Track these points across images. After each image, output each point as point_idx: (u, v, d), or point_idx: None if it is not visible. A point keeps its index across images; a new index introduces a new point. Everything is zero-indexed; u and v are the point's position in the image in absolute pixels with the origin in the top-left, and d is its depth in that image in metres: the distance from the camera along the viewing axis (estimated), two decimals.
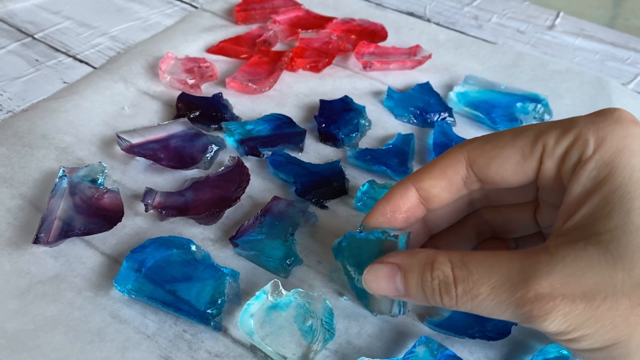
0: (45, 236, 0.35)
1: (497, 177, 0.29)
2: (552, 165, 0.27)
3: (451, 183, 0.30)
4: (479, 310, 0.25)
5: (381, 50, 0.56)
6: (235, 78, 0.51)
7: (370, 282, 0.29)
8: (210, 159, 0.43)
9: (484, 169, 0.29)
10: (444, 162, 0.30)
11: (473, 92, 0.51)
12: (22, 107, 0.48)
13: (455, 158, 0.30)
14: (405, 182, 0.31)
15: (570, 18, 0.67)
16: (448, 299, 0.26)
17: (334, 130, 0.46)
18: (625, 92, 0.55)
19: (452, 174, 0.30)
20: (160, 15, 0.61)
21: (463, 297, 0.25)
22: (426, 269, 0.27)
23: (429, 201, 0.30)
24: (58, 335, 0.32)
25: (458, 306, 0.26)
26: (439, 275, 0.26)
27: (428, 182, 0.30)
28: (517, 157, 0.28)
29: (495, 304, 0.25)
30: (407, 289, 0.27)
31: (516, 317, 0.25)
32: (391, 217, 0.31)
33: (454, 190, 0.30)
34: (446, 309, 0.28)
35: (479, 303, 0.25)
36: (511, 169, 0.28)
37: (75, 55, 0.54)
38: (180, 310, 0.32)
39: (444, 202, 0.31)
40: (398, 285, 0.28)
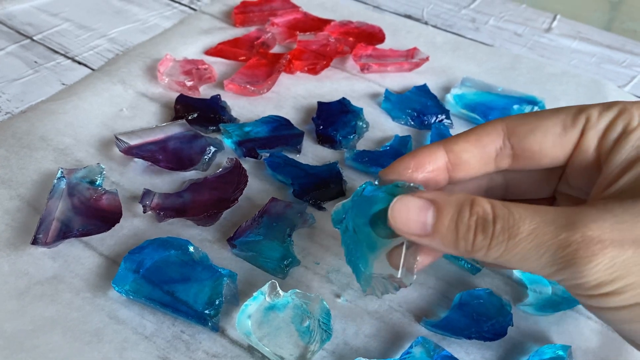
0: (44, 237, 0.36)
1: (535, 147, 0.28)
2: (594, 136, 0.27)
3: (484, 152, 0.29)
4: (511, 255, 0.24)
5: (379, 52, 0.56)
6: (234, 80, 0.51)
7: (398, 212, 0.27)
8: (208, 160, 0.43)
9: (522, 139, 0.28)
10: (481, 129, 0.29)
11: (470, 95, 0.51)
12: (20, 109, 0.48)
13: (493, 127, 0.29)
14: (435, 143, 0.29)
15: (567, 21, 0.68)
16: (482, 237, 0.25)
17: (331, 132, 0.46)
18: (621, 94, 0.55)
19: (487, 142, 0.29)
20: (158, 18, 0.62)
21: (500, 235, 0.24)
22: (465, 205, 0.25)
23: (456, 168, 0.29)
24: (56, 336, 0.32)
25: (490, 247, 0.25)
26: (478, 212, 0.25)
27: (461, 145, 0.29)
28: (558, 129, 0.28)
29: (533, 247, 0.24)
30: (439, 225, 0.26)
31: (554, 262, 0.23)
32: (412, 174, 0.29)
33: (484, 161, 0.29)
34: (472, 256, 0.26)
35: (515, 244, 0.24)
36: (551, 140, 0.28)
37: (73, 57, 0.55)
38: (178, 311, 0.33)
39: (470, 172, 0.30)
40: (428, 219, 0.26)
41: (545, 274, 0.24)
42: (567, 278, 0.24)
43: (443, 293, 0.36)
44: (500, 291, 0.36)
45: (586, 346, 0.33)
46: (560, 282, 0.24)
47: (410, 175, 0.29)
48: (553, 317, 0.35)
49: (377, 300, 0.35)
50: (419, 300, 0.36)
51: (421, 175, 0.29)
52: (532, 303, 0.35)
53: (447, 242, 0.26)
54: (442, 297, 0.36)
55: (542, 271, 0.24)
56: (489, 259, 0.25)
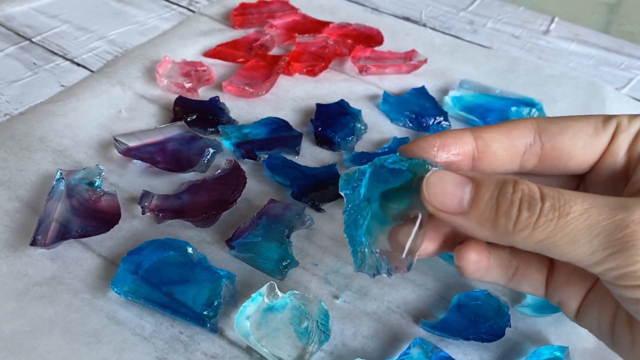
0: (43, 238, 0.36)
1: (565, 147, 0.28)
2: (626, 140, 0.27)
3: (513, 145, 0.28)
4: (560, 236, 0.23)
5: (377, 54, 0.56)
6: (232, 82, 0.51)
7: (432, 185, 0.25)
8: (207, 162, 0.43)
9: (553, 137, 0.28)
10: (513, 123, 0.28)
11: (468, 97, 0.51)
12: (19, 110, 0.48)
13: (524, 123, 0.28)
14: (464, 129, 0.28)
15: (564, 23, 0.68)
16: (528, 214, 0.23)
17: (330, 133, 0.46)
18: (619, 96, 0.55)
19: (518, 135, 0.28)
20: (157, 20, 0.62)
21: (549, 213, 0.23)
22: (507, 182, 0.24)
23: (482, 157, 0.28)
24: (55, 337, 0.32)
25: (537, 226, 0.23)
26: (523, 189, 0.24)
27: (491, 133, 0.28)
28: (589, 130, 0.27)
29: (585, 227, 0.22)
30: (477, 200, 0.24)
31: (608, 245, 0.22)
32: (437, 152, 0.28)
33: (511, 156, 0.28)
34: (512, 238, 0.24)
35: (566, 224, 0.23)
36: (582, 140, 0.28)
37: (72, 58, 0.55)
38: (176, 312, 0.33)
39: (495, 165, 0.28)
40: (465, 195, 0.25)
41: (594, 260, 0.23)
42: (619, 265, 0.22)
43: (441, 294, 0.36)
44: (498, 292, 0.36)
45: (583, 347, 0.34)
46: (607, 271, 0.23)
47: (434, 153, 0.28)
48: (550, 318, 0.35)
49: (376, 301, 0.35)
50: (417, 302, 0.36)
51: (445, 156, 0.28)
52: (529, 304, 0.35)
53: (484, 220, 0.24)
54: (440, 299, 0.36)
55: (591, 257, 0.23)
56: (531, 241, 0.24)
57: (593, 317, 0.28)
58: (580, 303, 0.29)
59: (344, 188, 0.28)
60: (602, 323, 0.28)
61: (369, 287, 0.36)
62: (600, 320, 0.28)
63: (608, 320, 0.27)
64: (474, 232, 0.26)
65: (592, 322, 0.28)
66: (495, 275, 0.30)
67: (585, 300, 0.28)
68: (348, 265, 0.37)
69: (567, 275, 0.29)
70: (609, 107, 0.53)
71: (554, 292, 0.29)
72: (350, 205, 0.28)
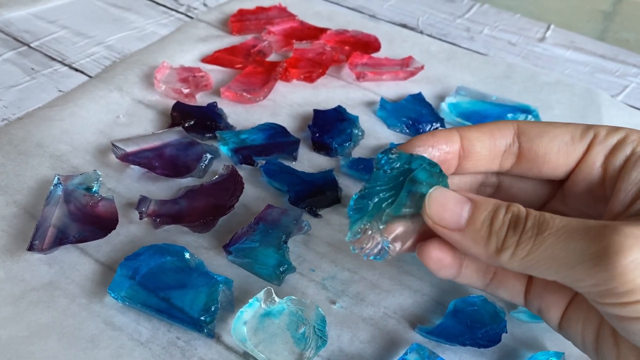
0: (40, 243, 0.36)
1: (541, 150, 0.29)
2: (601, 152, 0.28)
3: (494, 145, 0.30)
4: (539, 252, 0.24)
5: (374, 61, 0.57)
6: (230, 88, 0.51)
7: (434, 201, 0.27)
8: (205, 167, 0.43)
9: (531, 140, 0.29)
10: (494, 124, 0.30)
11: (465, 103, 0.52)
12: (17, 115, 0.48)
13: (505, 124, 0.30)
14: (451, 128, 0.30)
15: (560, 31, 0.68)
16: (512, 233, 0.25)
17: (327, 139, 0.46)
18: (614, 103, 0.56)
19: (499, 136, 0.30)
20: (155, 25, 0.62)
21: (529, 231, 0.24)
22: (502, 205, 0.26)
23: (467, 156, 0.30)
24: (52, 342, 0.32)
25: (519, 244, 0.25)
26: (513, 210, 0.26)
27: (475, 133, 0.30)
28: (566, 137, 0.29)
29: (564, 239, 0.23)
30: (474, 219, 0.26)
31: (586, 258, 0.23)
32: (430, 150, 0.29)
33: (492, 156, 0.30)
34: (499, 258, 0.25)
35: (544, 239, 0.24)
36: (557, 147, 0.29)
37: (70, 64, 0.55)
38: (173, 317, 0.33)
39: (477, 164, 0.30)
40: (463, 214, 0.26)
41: (576, 276, 0.23)
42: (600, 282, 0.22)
43: (437, 300, 0.36)
44: (494, 298, 0.36)
45: (579, 353, 0.33)
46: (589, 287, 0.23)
47: (428, 150, 0.29)
48: (546, 325, 0.35)
49: (372, 306, 0.35)
50: (413, 307, 0.36)
51: (437, 153, 0.29)
52: (525, 310, 0.35)
53: (478, 238, 0.26)
54: (436, 304, 0.36)
55: (572, 272, 0.23)
56: (515, 259, 0.25)
57: (577, 328, 0.28)
58: (562, 314, 0.29)
59: (381, 166, 0.29)
60: (586, 336, 0.28)
61: (366, 293, 0.36)
62: (584, 334, 0.28)
63: (592, 333, 0.27)
64: (468, 249, 0.27)
65: (575, 334, 0.28)
66: (471, 278, 0.30)
67: (568, 312, 0.29)
68: (345, 271, 0.37)
69: (544, 284, 0.29)
70: (605, 114, 0.53)
71: (532, 301, 0.30)
72: (376, 183, 0.28)
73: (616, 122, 0.52)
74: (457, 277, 0.30)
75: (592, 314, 0.27)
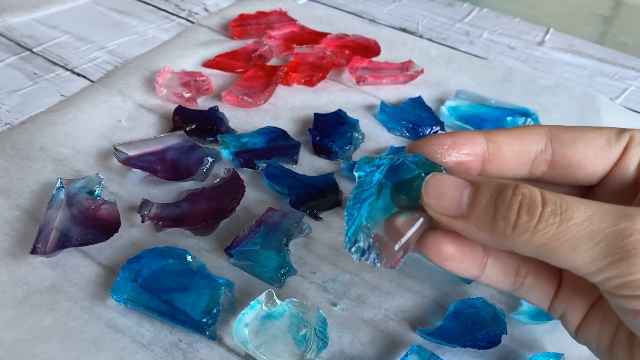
0: (43, 247, 0.36)
1: (576, 156, 0.27)
2: (637, 155, 0.27)
3: (524, 151, 0.28)
4: (561, 241, 0.22)
5: (374, 65, 0.57)
6: (231, 92, 0.51)
7: (431, 187, 0.25)
8: (206, 171, 0.43)
9: (565, 145, 0.27)
10: (525, 128, 0.28)
11: (464, 107, 0.52)
12: (20, 120, 0.48)
13: (535, 129, 0.28)
14: (476, 131, 0.28)
15: (559, 34, 0.69)
16: (527, 218, 0.23)
17: (327, 143, 0.46)
18: (613, 106, 0.56)
19: (529, 141, 0.28)
20: (157, 30, 0.62)
21: (550, 218, 0.22)
22: (507, 186, 0.24)
23: (493, 160, 0.28)
24: (55, 345, 0.32)
25: (536, 230, 0.23)
26: (524, 192, 0.23)
27: (504, 137, 0.27)
28: (601, 142, 0.27)
29: (587, 234, 0.22)
30: (475, 203, 0.24)
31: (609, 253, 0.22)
32: (447, 151, 0.27)
33: (521, 161, 0.28)
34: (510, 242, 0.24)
35: (567, 230, 0.22)
36: (593, 152, 0.27)
37: (73, 69, 0.55)
38: (175, 320, 0.33)
39: (504, 169, 0.28)
40: (464, 198, 0.24)
41: (594, 268, 0.22)
42: (619, 274, 0.22)
43: (438, 302, 0.37)
44: (494, 300, 0.37)
45: (579, 354, 0.34)
46: (606, 280, 0.23)
47: (444, 152, 0.27)
48: (546, 326, 0.35)
49: (373, 308, 0.36)
50: (414, 309, 0.36)
51: (455, 155, 0.27)
52: (525, 312, 0.36)
53: (482, 223, 0.24)
54: (436, 306, 0.36)
55: (592, 264, 0.22)
56: (530, 246, 0.23)
57: (593, 332, 0.28)
58: (583, 317, 0.28)
59: (360, 170, 0.28)
60: (601, 339, 0.27)
61: (367, 295, 0.36)
62: (600, 336, 0.27)
63: (608, 336, 0.27)
64: (474, 237, 0.25)
65: (591, 337, 0.28)
66: (496, 278, 0.28)
67: (588, 315, 0.28)
68: (346, 273, 0.38)
69: (573, 287, 0.28)
70: (603, 117, 0.53)
71: (559, 305, 0.29)
72: (360, 188, 0.27)
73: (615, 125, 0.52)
74: (479, 277, 0.28)
75: (610, 318, 0.27)
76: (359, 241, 0.26)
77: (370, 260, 0.26)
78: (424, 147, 0.27)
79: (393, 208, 0.27)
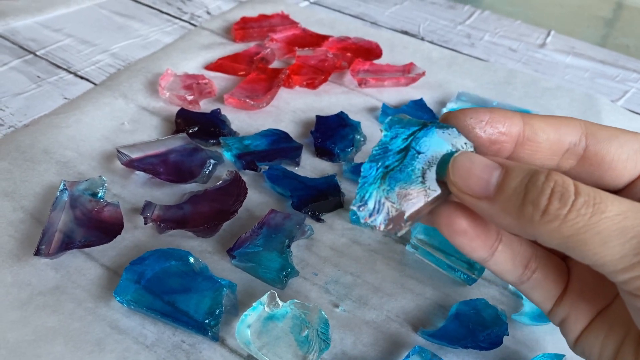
0: (46, 248, 0.36)
1: (608, 156, 0.26)
2: None
3: (559, 140, 0.26)
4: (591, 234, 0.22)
5: (376, 67, 0.57)
6: (234, 94, 0.52)
7: (460, 165, 0.24)
8: (209, 173, 0.43)
9: (600, 142, 0.26)
10: (561, 118, 0.27)
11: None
12: (23, 123, 0.48)
13: (573, 121, 0.27)
14: (514, 111, 0.27)
15: (561, 36, 0.69)
16: (559, 205, 0.22)
17: (329, 145, 0.47)
18: (614, 108, 0.56)
19: (565, 131, 0.26)
20: (159, 33, 0.63)
21: (582, 208, 0.22)
22: (539, 172, 0.23)
23: (526, 144, 0.26)
24: (58, 346, 0.32)
25: (567, 219, 0.22)
26: (556, 180, 0.22)
27: (540, 123, 0.26)
28: (636, 146, 0.26)
29: (619, 229, 0.21)
30: (504, 185, 0.23)
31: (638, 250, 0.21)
32: (483, 126, 0.26)
33: (554, 150, 0.27)
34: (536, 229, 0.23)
35: (599, 222, 0.21)
36: (627, 154, 0.26)
37: (76, 71, 0.55)
38: (178, 321, 0.33)
39: (535, 156, 0.27)
40: (493, 179, 0.24)
41: (622, 266, 0.22)
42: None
43: (439, 303, 0.37)
44: (496, 301, 0.37)
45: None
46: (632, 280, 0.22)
47: (480, 127, 0.26)
48: (547, 327, 0.35)
49: (375, 310, 0.36)
50: (415, 311, 0.36)
51: (490, 131, 0.26)
52: (527, 313, 0.36)
53: (509, 207, 0.23)
54: (438, 307, 0.36)
55: (619, 261, 0.21)
56: (557, 235, 0.22)
57: (596, 342, 0.27)
58: (586, 326, 0.27)
59: (388, 128, 0.26)
60: (605, 350, 0.26)
61: (369, 296, 0.37)
62: (603, 347, 0.27)
63: (613, 348, 0.26)
64: (497, 220, 0.24)
65: (593, 348, 0.27)
66: (504, 266, 0.27)
67: (592, 324, 0.27)
68: (348, 275, 0.38)
69: (580, 292, 0.27)
70: (605, 119, 0.53)
71: (561, 309, 0.28)
72: (383, 147, 0.26)
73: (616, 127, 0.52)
74: (487, 261, 0.27)
75: (617, 329, 0.26)
76: (369, 202, 0.25)
77: (376, 223, 0.25)
78: (459, 120, 0.26)
79: (412, 176, 0.25)
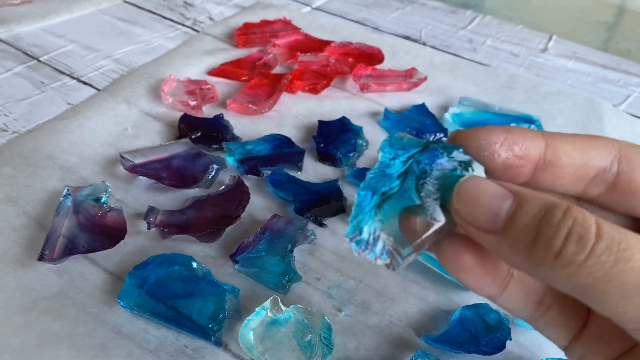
0: (50, 253, 0.36)
1: None
2: None
3: (585, 165, 0.23)
4: (610, 286, 0.18)
5: (378, 72, 0.57)
6: (236, 100, 0.52)
7: (465, 192, 0.21)
8: (212, 178, 0.44)
9: (635, 169, 0.23)
10: (591, 139, 0.23)
11: (468, 113, 0.52)
12: (27, 128, 0.49)
13: (605, 143, 0.23)
14: (536, 130, 0.23)
15: (562, 41, 0.69)
16: (575, 249, 0.18)
17: (332, 150, 0.47)
18: (616, 113, 0.56)
19: (594, 155, 0.23)
20: (162, 39, 0.63)
21: (603, 255, 0.18)
22: (558, 206, 0.19)
23: (547, 169, 0.23)
24: (62, 351, 0.32)
25: (584, 266, 0.18)
26: (576, 217, 0.19)
27: (565, 145, 0.23)
28: None
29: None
30: (514, 220, 0.20)
31: None
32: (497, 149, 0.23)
33: (578, 176, 0.23)
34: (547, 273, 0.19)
35: (622, 273, 0.18)
36: None
37: (79, 77, 0.56)
38: (181, 326, 0.33)
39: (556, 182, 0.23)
40: (503, 210, 0.20)
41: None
42: None
43: (442, 308, 0.37)
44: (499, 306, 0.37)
45: None
46: None
47: (493, 150, 0.22)
48: None
49: (378, 314, 0.36)
50: (418, 315, 0.36)
51: (505, 155, 0.23)
52: None
53: (518, 245, 0.20)
54: (441, 312, 0.36)
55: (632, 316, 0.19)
56: (571, 283, 0.19)
57: None
58: None
59: (386, 149, 0.24)
60: None
61: (371, 301, 0.37)
62: None
63: None
64: (505, 258, 0.21)
65: None
66: (516, 304, 0.24)
67: None
68: (350, 280, 0.38)
69: (600, 332, 0.24)
70: (607, 124, 0.54)
71: (578, 349, 0.24)
72: (380, 170, 0.23)
73: (619, 131, 0.53)
74: (497, 298, 0.24)
75: None
76: (363, 233, 0.22)
77: (370, 256, 0.22)
78: (469, 140, 0.23)
79: (413, 202, 0.23)
